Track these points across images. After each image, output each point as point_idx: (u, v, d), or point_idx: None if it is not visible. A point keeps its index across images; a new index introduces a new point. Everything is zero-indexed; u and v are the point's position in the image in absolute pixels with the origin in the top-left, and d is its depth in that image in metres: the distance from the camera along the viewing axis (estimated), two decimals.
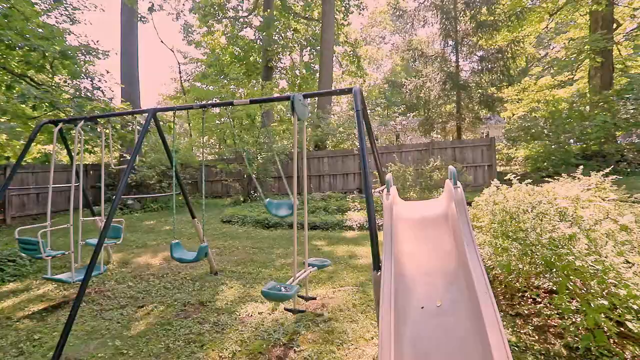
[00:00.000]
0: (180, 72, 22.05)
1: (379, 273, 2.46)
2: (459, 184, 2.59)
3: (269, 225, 8.19)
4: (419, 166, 9.18)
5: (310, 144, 14.96)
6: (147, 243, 7.12)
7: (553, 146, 10.80)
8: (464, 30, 14.07)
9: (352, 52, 18.68)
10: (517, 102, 15.51)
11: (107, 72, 6.86)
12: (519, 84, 15.13)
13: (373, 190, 2.92)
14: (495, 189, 4.08)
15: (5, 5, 6.99)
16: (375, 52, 29.78)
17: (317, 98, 15.89)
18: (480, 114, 14.39)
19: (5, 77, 7.90)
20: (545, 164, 10.74)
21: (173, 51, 22.19)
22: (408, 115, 15.02)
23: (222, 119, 15.46)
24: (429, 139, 15.37)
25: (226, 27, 20.33)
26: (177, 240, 3.79)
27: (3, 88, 8.48)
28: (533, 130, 11.54)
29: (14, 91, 5.42)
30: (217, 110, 17.07)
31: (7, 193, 10.24)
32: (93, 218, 5.13)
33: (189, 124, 18.25)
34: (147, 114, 3.84)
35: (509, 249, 3.23)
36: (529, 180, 3.85)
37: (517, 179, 4.00)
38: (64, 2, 11.99)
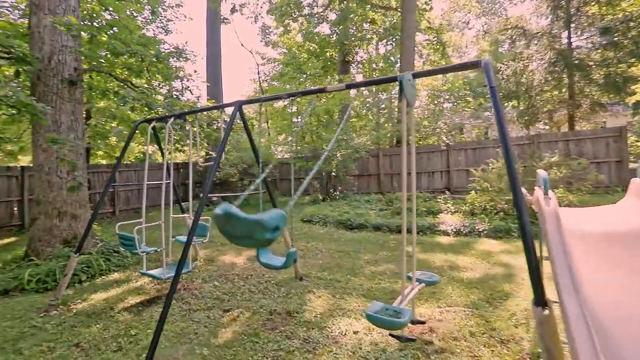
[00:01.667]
0: (258, 73, 22.96)
1: (546, 311, 1.70)
2: None
3: (352, 227, 7.67)
4: (527, 163, 7.75)
5: (391, 140, 14.07)
6: (224, 241, 7.14)
7: None
8: None
9: (435, 39, 17.13)
10: None
11: (195, 71, 7.05)
12: None
13: (525, 194, 2.13)
14: None
15: (114, 20, 7.78)
16: (459, 39, 27.25)
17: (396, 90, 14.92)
18: (600, 99, 11.85)
19: (113, 84, 8.75)
20: None
21: (252, 53, 23.24)
22: (505, 104, 13.13)
23: (299, 117, 15.47)
24: (531, 131, 13.25)
25: (302, 25, 20.44)
26: None
27: (111, 95, 9.44)
28: None
29: (122, 93, 5.80)
30: (294, 107, 17.20)
31: (115, 189, 11.50)
32: (182, 215, 5.18)
33: (267, 122, 18.81)
34: (233, 108, 3.58)
35: None
36: None
37: None
38: (159, 14, 13.09)
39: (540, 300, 1.74)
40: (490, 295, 3.92)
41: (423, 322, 3.06)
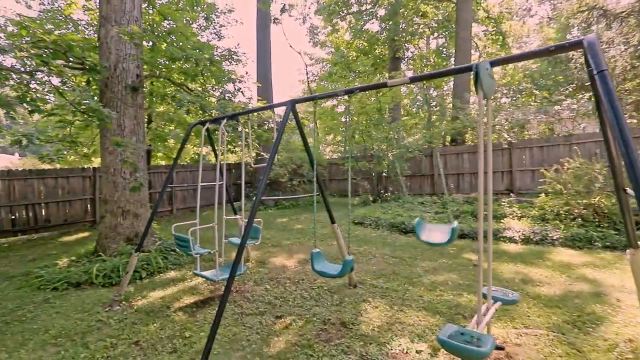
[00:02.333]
0: (307, 74, 23.08)
1: None
2: None
3: (406, 231, 7.24)
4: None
5: (443, 139, 13.28)
6: (281, 242, 7.11)
7: None
8: None
9: (495, 30, 15.79)
10: None
11: (247, 73, 7.11)
12: None
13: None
14: None
15: (172, 28, 8.19)
16: (519, 28, 25.08)
17: (452, 85, 14.04)
18: None
19: (171, 88, 9.19)
20: None
21: (300, 54, 23.35)
22: (580, 96, 11.64)
23: (347, 117, 15.19)
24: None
25: (349, 23, 20.17)
26: (317, 250, 3.27)
27: (169, 99, 9.93)
28: None
29: (178, 97, 6.01)
30: (341, 107, 16.98)
31: (173, 189, 12.13)
32: (234, 217, 5.19)
33: (315, 122, 18.80)
34: (285, 108, 3.44)
35: None
36: None
37: None
38: (213, 20, 13.61)
39: None
40: (578, 317, 3.35)
41: (502, 348, 2.65)
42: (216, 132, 5.16)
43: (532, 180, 10.58)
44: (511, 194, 9.73)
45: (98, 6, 7.50)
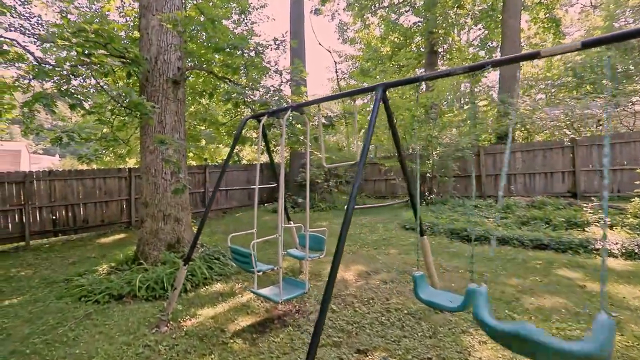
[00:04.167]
0: (336, 71, 22.42)
1: None
2: None
3: (469, 238, 6.41)
4: None
5: (491, 137, 12.26)
6: (330, 250, 6.43)
7: None
8: None
9: (547, 16, 14.52)
10: None
11: (299, 60, 6.53)
12: None
13: None
14: None
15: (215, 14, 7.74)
16: (562, 16, 23.36)
17: (498, 81, 13.01)
18: None
19: (209, 85, 8.73)
20: None
21: (330, 51, 22.59)
22: None
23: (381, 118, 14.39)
24: None
25: (381, 18, 19.32)
26: (420, 272, 2.58)
27: (206, 96, 9.49)
28: None
29: (219, 91, 5.50)
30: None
31: (206, 190, 11.75)
32: (289, 225, 4.58)
33: (345, 121, 18.07)
34: (376, 92, 2.76)
35: None
36: None
37: None
38: (247, 15, 13.12)
39: None
40: None
41: None
42: (271, 126, 4.58)
43: (600, 180, 9.47)
44: (596, 198, 8.57)
45: None
